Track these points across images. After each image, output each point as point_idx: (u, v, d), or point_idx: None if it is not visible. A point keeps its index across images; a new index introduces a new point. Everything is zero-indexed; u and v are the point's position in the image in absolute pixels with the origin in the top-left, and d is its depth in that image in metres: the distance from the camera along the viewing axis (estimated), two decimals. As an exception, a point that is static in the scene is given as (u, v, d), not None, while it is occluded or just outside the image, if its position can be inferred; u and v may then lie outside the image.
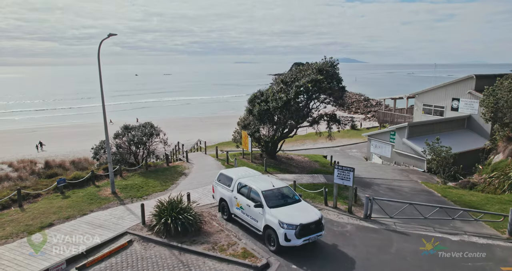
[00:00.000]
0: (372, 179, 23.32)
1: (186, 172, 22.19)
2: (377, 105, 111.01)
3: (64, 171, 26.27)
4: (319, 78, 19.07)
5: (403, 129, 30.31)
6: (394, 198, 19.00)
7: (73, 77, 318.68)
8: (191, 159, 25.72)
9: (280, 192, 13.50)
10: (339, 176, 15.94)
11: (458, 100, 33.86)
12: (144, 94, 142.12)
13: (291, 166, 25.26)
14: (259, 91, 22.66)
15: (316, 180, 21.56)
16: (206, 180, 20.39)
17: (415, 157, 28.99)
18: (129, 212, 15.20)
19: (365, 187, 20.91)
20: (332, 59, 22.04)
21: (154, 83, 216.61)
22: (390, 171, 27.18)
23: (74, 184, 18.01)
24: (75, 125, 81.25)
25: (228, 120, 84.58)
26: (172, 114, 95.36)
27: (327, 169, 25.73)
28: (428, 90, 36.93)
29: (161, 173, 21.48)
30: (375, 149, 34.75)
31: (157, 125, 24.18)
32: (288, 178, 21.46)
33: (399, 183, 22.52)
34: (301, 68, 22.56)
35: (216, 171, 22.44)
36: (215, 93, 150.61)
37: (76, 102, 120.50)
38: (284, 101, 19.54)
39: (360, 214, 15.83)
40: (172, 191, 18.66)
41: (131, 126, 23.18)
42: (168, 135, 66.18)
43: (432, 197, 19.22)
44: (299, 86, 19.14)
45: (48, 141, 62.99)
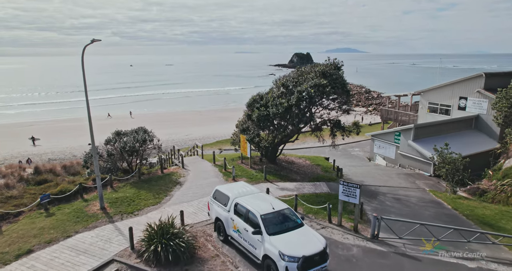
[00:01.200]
0: (377, 187, 22.18)
1: (181, 180, 21.01)
2: (378, 98, 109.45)
3: (55, 177, 25.08)
4: (322, 82, 17.73)
5: (409, 131, 29.08)
6: (401, 210, 17.92)
7: (72, 68, 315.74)
8: (187, 164, 24.51)
9: (280, 215, 12.33)
10: (344, 193, 14.76)
11: (465, 99, 32.53)
12: (143, 87, 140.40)
13: (292, 172, 24.09)
14: (258, 94, 21.31)
15: (318, 189, 20.41)
16: (202, 190, 19.24)
17: (421, 160, 27.84)
18: (117, 233, 14.05)
19: (371, 197, 19.77)
20: (337, 61, 20.65)
21: (154, 75, 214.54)
22: (395, 175, 26.02)
23: (60, 198, 16.83)
24: (73, 119, 79.94)
25: (229, 114, 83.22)
26: (171, 107, 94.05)
27: (329, 174, 24.58)
28: (434, 88, 35.54)
29: (154, 182, 20.30)
30: (378, 149, 33.57)
31: (151, 130, 22.90)
32: (289, 187, 20.34)
33: (406, 191, 21.37)
34: (303, 70, 21.17)
35: (213, 179, 21.36)
36: (216, 85, 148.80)
37: (75, 95, 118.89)
38: (285, 108, 18.24)
39: (366, 233, 14.71)
40: (165, 204, 17.52)
41: (123, 132, 21.89)
42: (166, 130, 64.58)
43: (442, 209, 18.08)
44: (301, 92, 17.80)
45: (45, 136, 61.90)
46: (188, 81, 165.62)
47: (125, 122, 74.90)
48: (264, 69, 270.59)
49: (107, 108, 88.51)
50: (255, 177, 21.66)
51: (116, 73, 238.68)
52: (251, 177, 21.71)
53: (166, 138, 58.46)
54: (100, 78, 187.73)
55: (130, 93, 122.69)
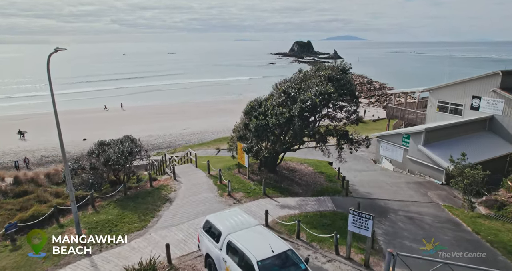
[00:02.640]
0: (387, 201, 20.26)
1: (172, 196, 19.07)
2: (381, 89, 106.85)
3: (36, 188, 23.16)
4: (329, 91, 15.59)
5: (419, 134, 27.04)
6: (415, 234, 16.04)
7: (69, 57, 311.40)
8: (179, 175, 22.52)
9: (281, 260, 10.42)
10: (354, 223, 12.82)
11: (479, 98, 30.34)
12: (142, 78, 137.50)
13: (294, 183, 22.15)
14: (257, 100, 19.16)
15: (323, 206, 18.49)
16: (194, 209, 17.33)
17: (432, 166, 25.89)
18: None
19: (381, 215, 17.88)
20: (344, 63, 18.47)
21: (153, 65, 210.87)
22: (404, 185, 24.09)
23: (31, 225, 14.90)
24: (67, 112, 77.75)
25: (228, 106, 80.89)
26: (169, 99, 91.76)
27: (334, 184, 22.64)
28: (445, 86, 33.30)
29: (141, 199, 18.36)
30: (385, 151, 31.61)
31: (139, 138, 20.86)
32: (290, 204, 18.43)
33: (419, 207, 19.46)
34: (306, 74, 18.96)
35: (207, 194, 19.41)
36: (215, 75, 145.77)
37: (71, 87, 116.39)
38: (286, 118, 16.17)
39: (379, 268, 12.84)
40: (152, 228, 15.63)
41: (107, 142, 19.83)
42: (162, 124, 61.77)
43: (462, 232, 16.18)
44: (304, 101, 15.69)
45: (37, 130, 59.88)
46: (187, 71, 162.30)
47: (121, 115, 72.82)
48: (264, 58, 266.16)
49: (103, 100, 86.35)
50: (253, 192, 19.71)
51: (114, 62, 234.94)
52: (249, 191, 19.76)
53: (162, 133, 56.43)
54: (97, 68, 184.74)
55: (128, 84, 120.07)
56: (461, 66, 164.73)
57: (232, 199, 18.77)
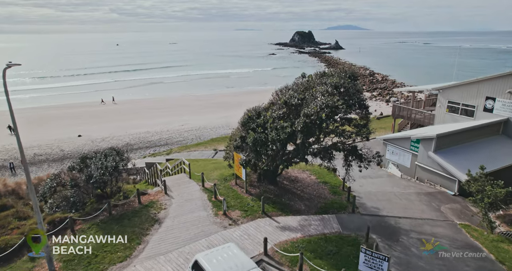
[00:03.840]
0: (397, 219, 18.51)
1: (161, 215, 17.32)
2: (383, 81, 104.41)
3: (17, 201, 21.49)
4: (336, 103, 13.66)
5: (429, 141, 25.17)
6: (432, 265, 14.33)
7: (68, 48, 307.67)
8: (171, 187, 20.71)
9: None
10: (366, 263, 11.11)
11: (493, 99, 28.37)
12: (142, 70, 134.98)
13: (295, 196, 20.40)
14: (255, 110, 17.21)
15: (327, 227, 16.78)
16: (185, 233, 15.63)
17: (444, 175, 24.12)
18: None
19: (391, 238, 16.19)
20: (352, 69, 16.50)
21: (155, 56, 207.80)
22: (415, 196, 22.36)
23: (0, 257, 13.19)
24: (64, 105, 75.96)
25: (228, 99, 78.93)
26: (167, 92, 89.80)
27: (339, 198, 20.90)
28: (456, 85, 31.24)
29: (128, 220, 16.61)
30: (391, 155, 29.78)
31: (125, 150, 19.01)
32: (291, 226, 16.72)
33: (433, 227, 17.70)
34: (310, 80, 16.97)
35: (200, 213, 17.65)
36: (215, 67, 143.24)
37: (68, 79, 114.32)
38: (287, 134, 14.31)
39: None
40: (137, 258, 13.94)
41: (90, 155, 17.98)
42: (160, 119, 59.08)
43: (485, 262, 14.47)
44: (308, 116, 13.78)
45: (28, 126, 58.13)
46: (187, 64, 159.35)
47: (117, 109, 70.94)
48: (264, 48, 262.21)
49: (100, 94, 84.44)
50: (250, 209, 17.97)
51: (112, 54, 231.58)
52: (246, 209, 18.01)
53: (159, 129, 54.62)
54: (94, 60, 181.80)
55: (126, 77, 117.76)
56: (473, 58, 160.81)
57: (228, 219, 17.06)
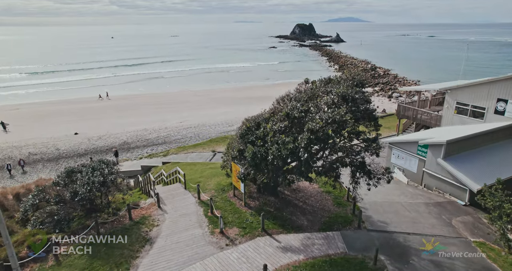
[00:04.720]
0: (406, 235, 17.28)
1: (153, 234, 16.07)
2: (385, 76, 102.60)
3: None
4: (344, 118, 12.28)
5: (439, 147, 23.86)
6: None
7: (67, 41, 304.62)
8: (165, 200, 19.45)
9: None
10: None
11: (505, 102, 27.00)
12: (141, 65, 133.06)
13: (297, 209, 19.15)
14: (254, 120, 15.86)
15: (332, 247, 15.54)
16: (178, 256, 14.37)
17: (454, 183, 22.87)
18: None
19: (400, 259, 14.97)
20: (359, 77, 15.10)
21: (156, 49, 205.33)
22: (423, 207, 21.12)
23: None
24: (62, 101, 74.51)
25: (228, 94, 77.42)
26: (166, 87, 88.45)
27: (343, 210, 19.65)
28: (465, 85, 29.83)
29: (116, 241, 15.35)
30: (397, 159, 28.51)
31: (116, 162, 17.68)
32: (293, 245, 15.49)
33: (445, 246, 16.47)
34: (314, 87, 15.53)
35: (195, 231, 16.37)
36: (215, 61, 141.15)
37: (66, 74, 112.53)
38: (289, 150, 12.98)
39: None
40: (124, 287, 12.73)
41: (77, 169, 16.65)
42: (157, 116, 57.65)
43: (504, 290, 13.30)
44: (313, 132, 12.42)
45: (28, 121, 56.88)
46: (188, 58, 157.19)
47: (115, 105, 69.48)
48: (265, 41, 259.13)
49: (98, 89, 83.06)
50: (249, 226, 16.72)
51: (112, 47, 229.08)
52: (245, 226, 16.76)
53: (157, 126, 53.22)
54: (92, 54, 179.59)
55: (125, 72, 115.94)
56: (478, 52, 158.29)
57: (225, 238, 15.81)
